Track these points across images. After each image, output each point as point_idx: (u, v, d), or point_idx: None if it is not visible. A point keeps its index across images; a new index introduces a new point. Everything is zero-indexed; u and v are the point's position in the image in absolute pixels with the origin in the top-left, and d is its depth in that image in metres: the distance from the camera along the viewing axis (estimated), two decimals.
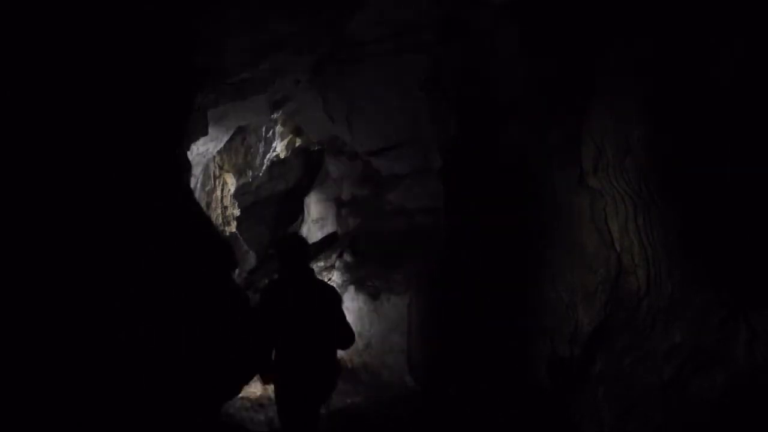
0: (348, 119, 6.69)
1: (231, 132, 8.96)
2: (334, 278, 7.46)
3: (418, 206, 6.97)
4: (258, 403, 5.28)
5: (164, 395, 3.17)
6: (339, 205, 8.13)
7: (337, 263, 7.57)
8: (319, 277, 3.97)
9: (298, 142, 8.90)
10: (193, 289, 3.58)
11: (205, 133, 4.92)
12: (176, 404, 3.28)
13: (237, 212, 9.56)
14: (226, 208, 10.33)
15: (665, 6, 4.05)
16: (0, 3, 2.64)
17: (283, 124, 8.88)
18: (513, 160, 5.01)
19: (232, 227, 9.91)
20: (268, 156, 9.27)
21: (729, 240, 3.89)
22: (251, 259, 9.00)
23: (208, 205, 10.41)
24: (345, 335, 3.58)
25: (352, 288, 7.09)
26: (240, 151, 9.69)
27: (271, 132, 9.30)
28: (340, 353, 3.71)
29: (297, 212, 8.93)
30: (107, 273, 2.95)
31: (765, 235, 3.76)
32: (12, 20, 2.69)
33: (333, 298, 3.65)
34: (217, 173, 10.38)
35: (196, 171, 9.69)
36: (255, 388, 5.41)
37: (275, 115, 8.53)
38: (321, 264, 7.94)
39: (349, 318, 3.91)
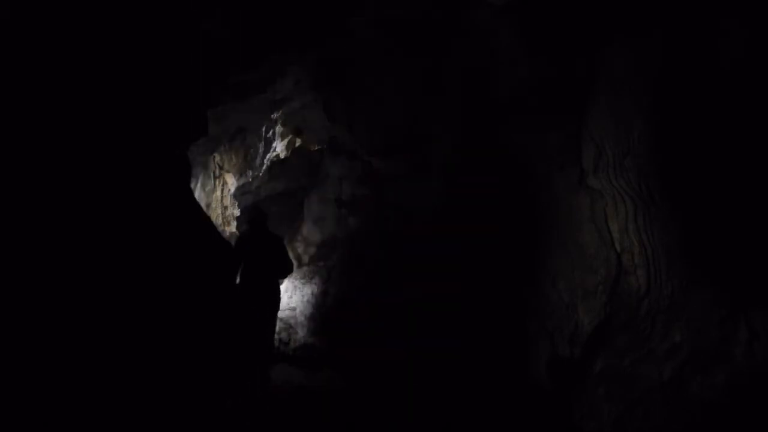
0: (348, 119, 6.68)
1: (231, 132, 8.95)
2: (334, 278, 7.47)
3: (418, 206, 6.96)
4: None
5: (164, 391, 3.17)
6: (339, 205, 8.13)
7: (338, 263, 7.58)
8: (273, 232, 5.66)
9: (298, 142, 8.89)
10: (194, 287, 3.58)
11: (205, 133, 4.92)
12: (178, 399, 3.28)
13: (237, 212, 9.55)
14: (226, 208, 10.32)
15: (664, 4, 4.05)
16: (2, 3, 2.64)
17: (283, 124, 8.87)
18: (513, 160, 5.01)
19: (232, 227, 9.90)
20: (268, 156, 9.25)
21: (729, 240, 3.89)
22: None
23: (208, 205, 10.40)
24: (286, 266, 5.38)
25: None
26: (240, 151, 9.67)
27: (271, 132, 9.29)
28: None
29: (297, 212, 8.93)
30: (108, 272, 2.95)
31: (765, 235, 3.76)
32: (13, 22, 2.69)
33: (280, 244, 5.41)
34: (217, 173, 10.37)
35: (196, 171, 9.68)
36: None
37: (275, 115, 8.51)
38: (321, 264, 7.94)
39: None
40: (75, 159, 2.92)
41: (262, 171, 9.14)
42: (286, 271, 5.46)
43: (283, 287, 7.82)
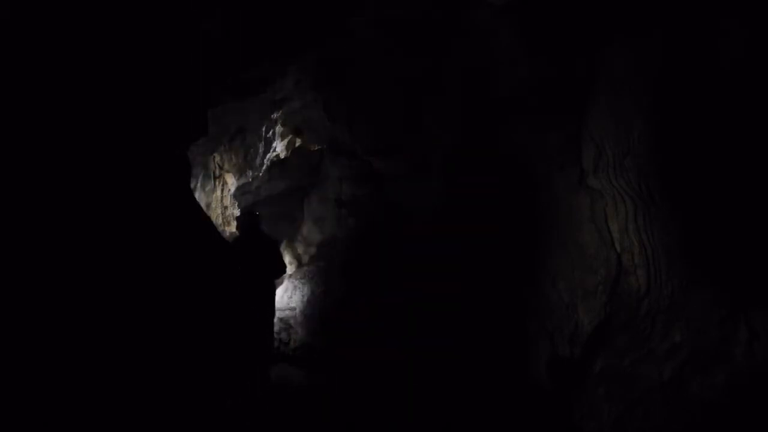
0: (348, 119, 6.68)
1: (231, 132, 8.95)
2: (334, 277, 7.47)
3: (418, 206, 6.96)
4: None
5: (164, 391, 3.18)
6: (339, 205, 8.12)
7: (338, 263, 7.58)
8: (268, 236, 5.86)
9: (298, 142, 8.89)
10: (193, 287, 3.58)
11: (205, 133, 4.92)
12: (178, 399, 3.28)
13: (237, 212, 9.55)
14: (226, 208, 10.32)
15: (664, 4, 4.05)
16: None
17: (283, 124, 8.87)
18: (513, 160, 5.01)
19: (232, 227, 9.90)
20: (268, 156, 9.25)
21: (729, 240, 3.89)
22: None
23: (208, 205, 10.39)
24: (278, 269, 5.58)
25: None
26: (240, 151, 9.67)
27: (271, 132, 9.28)
28: None
29: (297, 212, 8.93)
30: (108, 272, 2.95)
31: (765, 235, 3.76)
32: (13, 22, 2.70)
33: (274, 247, 5.65)
34: (217, 173, 10.36)
35: (196, 171, 9.68)
36: None
37: (275, 115, 8.50)
38: (321, 264, 7.94)
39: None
40: (75, 159, 2.92)
41: (262, 171, 9.14)
42: (278, 273, 5.71)
43: (283, 287, 7.84)
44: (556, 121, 4.63)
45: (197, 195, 9.87)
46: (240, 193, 9.38)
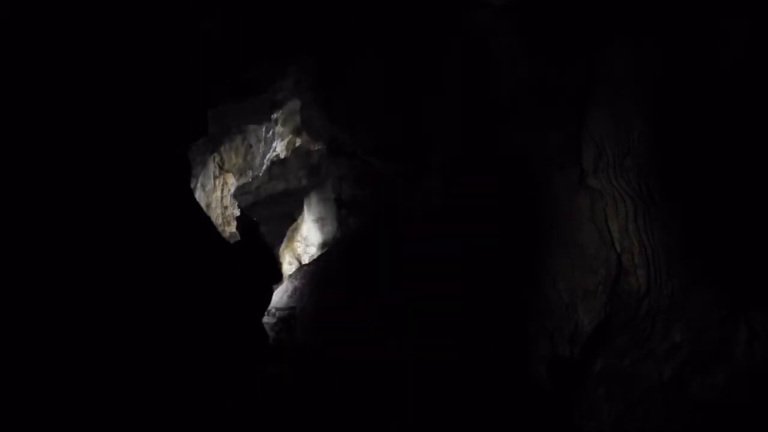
0: (348, 119, 6.68)
1: (231, 132, 8.97)
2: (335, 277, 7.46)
3: (418, 206, 6.96)
4: None
5: (164, 391, 3.18)
6: (339, 205, 8.13)
7: (338, 263, 7.57)
8: (265, 241, 6.21)
9: (298, 142, 8.91)
10: (193, 286, 3.58)
11: (205, 133, 4.92)
12: (178, 399, 3.29)
13: (237, 212, 9.56)
14: (226, 208, 10.33)
15: (664, 5, 4.06)
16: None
17: (283, 124, 8.89)
18: (513, 160, 5.01)
19: (232, 227, 9.91)
20: (268, 156, 9.27)
21: (729, 240, 3.89)
22: None
23: (208, 205, 10.41)
24: (275, 273, 5.68)
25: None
26: (240, 151, 9.69)
27: (271, 132, 9.31)
28: None
29: (297, 212, 8.94)
30: (108, 271, 2.95)
31: (764, 235, 3.76)
32: (13, 22, 2.70)
33: (268, 251, 5.97)
34: (217, 173, 10.38)
35: (196, 171, 9.69)
36: None
37: (275, 115, 8.52)
38: (321, 263, 7.94)
39: None
40: (76, 159, 2.92)
41: (262, 171, 9.15)
42: (275, 279, 6.07)
43: (282, 287, 7.84)
44: (556, 121, 4.63)
45: (197, 195, 9.88)
46: (240, 193, 9.39)
